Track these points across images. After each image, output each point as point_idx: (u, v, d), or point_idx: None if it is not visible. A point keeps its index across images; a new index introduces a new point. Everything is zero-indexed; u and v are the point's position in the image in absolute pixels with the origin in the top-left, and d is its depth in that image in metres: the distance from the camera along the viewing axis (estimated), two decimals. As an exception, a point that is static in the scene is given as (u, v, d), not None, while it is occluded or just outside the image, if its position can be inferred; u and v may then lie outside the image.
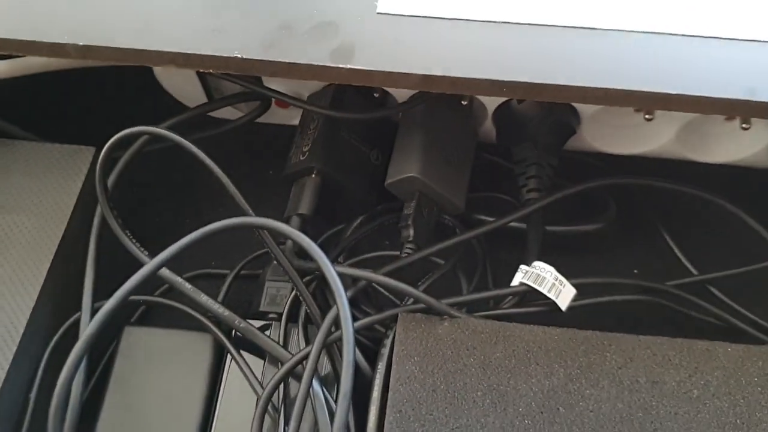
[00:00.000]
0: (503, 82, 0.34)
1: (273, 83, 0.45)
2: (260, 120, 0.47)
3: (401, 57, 0.35)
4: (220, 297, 0.43)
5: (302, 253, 0.40)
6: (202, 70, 0.39)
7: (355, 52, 0.35)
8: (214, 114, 0.48)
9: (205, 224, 0.37)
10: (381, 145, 0.45)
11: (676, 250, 0.45)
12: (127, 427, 0.37)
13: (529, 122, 0.44)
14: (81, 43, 0.36)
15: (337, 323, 0.36)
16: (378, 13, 0.36)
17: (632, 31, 0.35)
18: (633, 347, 0.35)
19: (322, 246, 0.37)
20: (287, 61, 0.35)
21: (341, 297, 0.33)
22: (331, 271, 0.34)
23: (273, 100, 0.47)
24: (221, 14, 0.36)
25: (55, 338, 0.40)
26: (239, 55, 0.35)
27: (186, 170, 0.46)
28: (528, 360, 0.35)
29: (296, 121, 0.48)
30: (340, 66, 0.34)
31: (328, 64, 0.35)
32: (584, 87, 0.33)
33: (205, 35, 0.36)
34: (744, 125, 0.44)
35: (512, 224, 0.43)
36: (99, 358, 0.41)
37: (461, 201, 0.43)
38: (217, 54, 0.35)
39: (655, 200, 0.47)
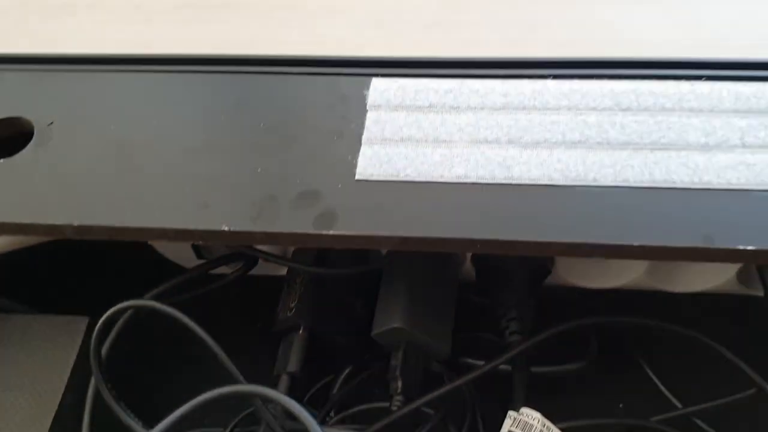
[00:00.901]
0: (476, 240, 0.36)
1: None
2: (250, 272, 0.49)
3: (380, 221, 0.36)
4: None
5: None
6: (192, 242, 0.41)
7: (336, 218, 0.36)
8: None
9: (198, 387, 0.38)
10: (366, 295, 0.46)
11: (659, 384, 0.46)
12: None
13: (506, 266, 0.46)
14: (76, 224, 0.38)
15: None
16: (357, 180, 0.38)
17: (593, 186, 0.37)
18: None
19: (312, 399, 0.38)
20: (273, 231, 0.37)
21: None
22: (321, 436, 0.35)
23: (260, 255, 0.49)
24: (210, 189, 0.38)
25: None
26: (227, 228, 0.37)
27: (178, 333, 0.46)
28: None
29: (284, 271, 0.49)
30: (323, 233, 0.36)
31: (311, 232, 0.36)
32: (552, 242, 0.35)
33: (194, 210, 0.37)
34: (711, 258, 0.46)
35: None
36: None
37: (447, 347, 0.44)
38: (205, 228, 0.37)
39: (636, 335, 0.48)
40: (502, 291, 0.46)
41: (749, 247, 0.34)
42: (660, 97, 0.40)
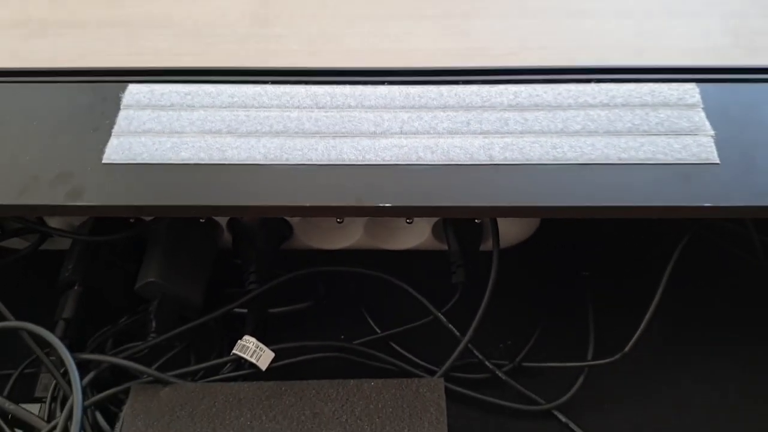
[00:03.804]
0: (190, 206, 0.45)
1: (51, 220, 0.56)
2: (44, 247, 0.57)
3: (118, 194, 0.45)
4: (6, 391, 0.51)
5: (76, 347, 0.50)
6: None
7: (83, 193, 0.45)
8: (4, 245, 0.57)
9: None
10: (137, 258, 0.55)
11: (367, 317, 0.57)
12: None
13: (250, 231, 0.55)
14: None
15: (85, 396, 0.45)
16: (103, 163, 0.46)
17: (285, 164, 0.46)
18: (303, 390, 0.46)
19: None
20: (33, 203, 0.45)
21: (74, 378, 0.43)
22: (68, 358, 0.43)
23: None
24: None
25: None
26: (-2, 202, 0.45)
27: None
28: (225, 408, 0.45)
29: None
30: (71, 204, 0.44)
31: (62, 203, 0.45)
32: (241, 206, 0.44)
33: (-29, 190, 0.46)
34: (407, 221, 0.57)
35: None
36: None
37: (199, 297, 0.53)
38: (-22, 203, 0.45)
39: (354, 283, 0.58)
40: (246, 251, 0.55)
41: (387, 204, 0.45)
42: (348, 98, 0.50)
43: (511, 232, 0.59)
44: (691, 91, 0.50)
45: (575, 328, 0.56)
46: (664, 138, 0.47)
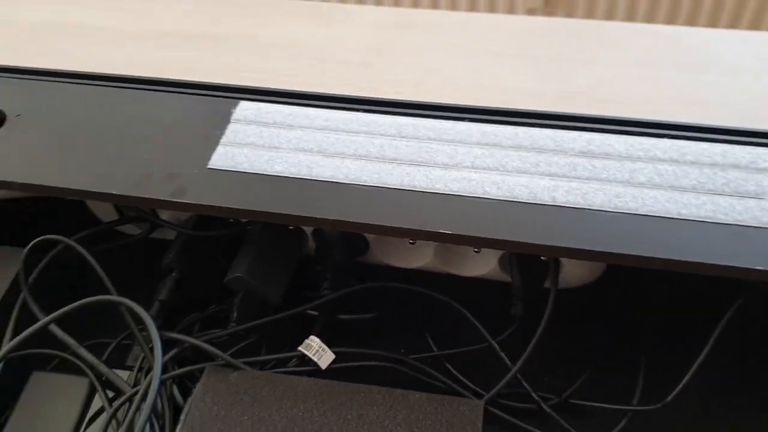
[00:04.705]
0: (277, 214, 0.49)
1: (162, 212, 0.62)
2: (153, 235, 0.64)
3: (219, 196, 0.50)
4: (105, 356, 0.58)
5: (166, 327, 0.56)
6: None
7: (186, 192, 0.50)
8: (121, 229, 0.64)
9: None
10: (231, 255, 0.60)
11: (426, 335, 0.59)
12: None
13: (331, 242, 0.59)
14: (19, 181, 0.53)
15: (165, 370, 0.50)
16: (208, 168, 0.52)
17: (364, 185, 0.49)
18: (354, 392, 0.49)
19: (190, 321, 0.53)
20: (144, 196, 0.51)
21: (157, 352, 0.47)
22: (155, 334, 0.48)
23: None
24: (113, 167, 0.52)
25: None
26: (114, 192, 0.51)
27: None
28: (283, 398, 0.49)
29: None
30: (174, 200, 0.50)
31: (168, 199, 0.50)
32: (308, 217, 0.48)
33: (99, 179, 0.52)
34: (475, 250, 0.59)
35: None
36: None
37: (278, 295, 0.58)
38: (98, 190, 0.51)
39: (420, 300, 0.60)
40: (325, 259, 0.59)
41: (447, 231, 0.47)
42: (429, 131, 0.53)
43: (577, 273, 0.60)
44: (764, 155, 0.49)
45: (627, 372, 0.56)
46: (728, 198, 0.47)
